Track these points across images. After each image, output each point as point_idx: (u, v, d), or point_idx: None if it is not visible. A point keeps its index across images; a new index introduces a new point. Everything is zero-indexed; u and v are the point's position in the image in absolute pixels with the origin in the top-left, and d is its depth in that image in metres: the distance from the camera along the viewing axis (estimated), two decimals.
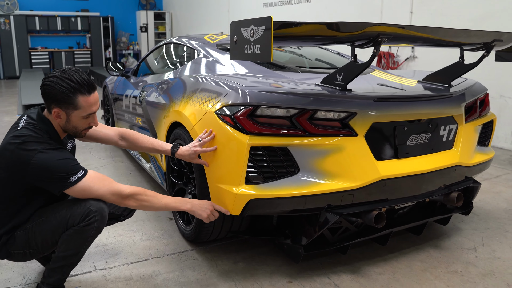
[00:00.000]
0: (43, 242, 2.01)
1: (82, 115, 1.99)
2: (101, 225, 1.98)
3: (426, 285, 2.41)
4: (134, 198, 2.04)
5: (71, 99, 1.92)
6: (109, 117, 5.61)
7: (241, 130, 2.18)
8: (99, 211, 1.95)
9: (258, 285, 2.37)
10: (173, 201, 2.19)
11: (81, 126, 2.04)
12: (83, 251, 2.03)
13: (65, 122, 2.00)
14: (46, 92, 1.92)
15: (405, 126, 2.46)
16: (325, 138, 2.23)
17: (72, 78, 1.91)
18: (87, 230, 1.95)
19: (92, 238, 2.00)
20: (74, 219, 1.94)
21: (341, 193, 2.25)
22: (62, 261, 2.00)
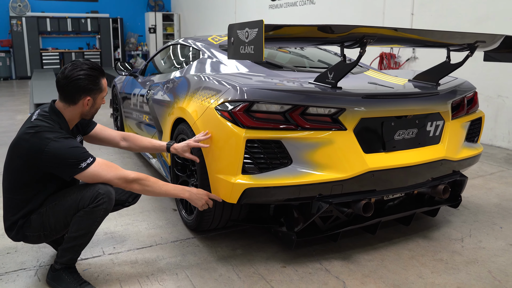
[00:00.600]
0: (56, 224, 2.20)
1: (104, 95, 2.31)
2: (108, 206, 2.17)
3: (412, 271, 2.57)
4: (138, 182, 2.25)
5: (98, 84, 2.24)
6: (117, 115, 5.82)
7: (238, 124, 2.36)
8: (106, 193, 2.15)
9: (254, 269, 2.55)
10: (172, 188, 2.39)
11: (98, 106, 2.33)
12: (92, 231, 2.22)
13: (91, 107, 2.28)
14: (77, 87, 2.18)
15: (392, 122, 2.62)
16: (316, 132, 2.41)
17: (88, 68, 2.21)
18: (96, 211, 2.14)
19: (100, 218, 2.19)
20: (84, 201, 2.13)
21: (331, 183, 2.42)
22: (73, 241, 2.19)
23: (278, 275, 2.49)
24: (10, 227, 2.25)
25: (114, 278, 2.41)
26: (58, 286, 2.24)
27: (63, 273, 2.25)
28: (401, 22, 6.83)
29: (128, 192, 2.52)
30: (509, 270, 2.60)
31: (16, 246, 2.76)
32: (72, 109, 2.25)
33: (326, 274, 2.51)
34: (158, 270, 2.51)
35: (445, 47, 2.91)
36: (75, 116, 2.28)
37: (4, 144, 5.30)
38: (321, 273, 2.51)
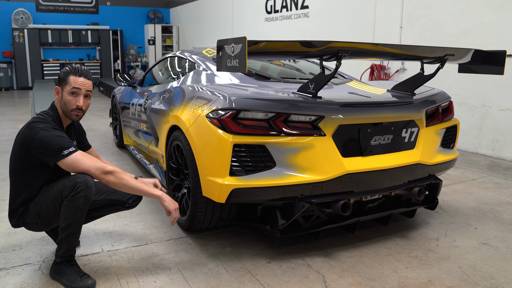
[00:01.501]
0: (48, 212, 2.45)
1: (69, 90, 2.49)
2: (88, 194, 2.34)
3: (388, 266, 2.78)
4: (114, 174, 2.41)
5: (65, 77, 2.51)
6: (116, 124, 6.05)
7: (226, 130, 2.59)
8: (84, 182, 2.34)
9: (242, 264, 2.76)
10: (147, 187, 2.52)
11: (70, 103, 2.51)
12: (78, 219, 2.38)
13: (60, 99, 2.53)
14: (57, 78, 2.53)
15: (369, 128, 2.85)
16: (297, 137, 2.64)
17: (73, 66, 2.54)
18: (76, 199, 2.33)
19: (83, 206, 2.35)
20: (65, 191, 2.35)
21: (311, 184, 2.65)
22: (64, 231, 2.40)
23: (263, 269, 2.70)
24: (11, 213, 2.53)
25: (112, 272, 2.62)
26: (61, 278, 2.45)
27: (64, 266, 2.46)
28: (391, 35, 7.10)
29: (128, 195, 2.71)
30: (478, 265, 2.81)
31: (21, 243, 2.97)
32: (57, 103, 2.56)
33: (308, 269, 2.72)
34: (153, 265, 2.72)
35: (419, 60, 3.15)
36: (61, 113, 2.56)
37: (7, 151, 5.51)
38: (303, 268, 2.72)
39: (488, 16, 5.72)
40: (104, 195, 2.69)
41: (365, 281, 2.60)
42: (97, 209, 2.74)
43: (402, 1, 6.93)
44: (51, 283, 2.49)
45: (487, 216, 3.68)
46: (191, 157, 2.90)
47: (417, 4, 6.72)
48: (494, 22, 5.66)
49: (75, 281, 2.40)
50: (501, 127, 5.77)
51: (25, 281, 2.51)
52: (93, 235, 3.14)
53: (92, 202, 2.66)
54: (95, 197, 2.66)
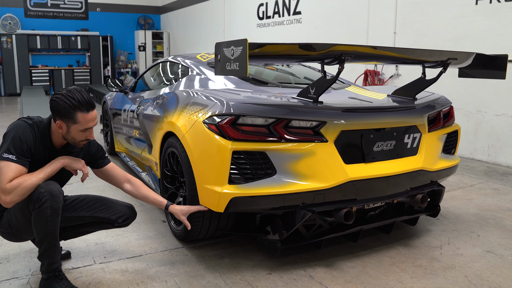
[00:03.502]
0: (17, 223, 2.33)
1: (80, 129, 2.31)
2: (54, 203, 2.19)
3: (392, 276, 2.69)
4: (12, 193, 2.15)
5: (71, 114, 2.26)
6: (107, 131, 5.92)
7: (225, 136, 2.49)
8: (47, 191, 2.20)
9: (241, 276, 2.64)
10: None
11: (79, 138, 2.35)
12: (51, 231, 2.23)
13: (66, 133, 2.32)
14: (52, 106, 2.27)
15: (371, 134, 2.77)
16: (299, 143, 2.54)
17: (75, 97, 2.26)
18: (42, 210, 2.19)
19: (51, 217, 2.21)
20: (31, 203, 2.22)
21: (313, 192, 2.55)
22: (41, 245, 2.27)
23: (263, 281, 2.59)
24: None
25: (105, 286, 2.50)
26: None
27: (53, 281, 2.33)
28: (385, 40, 7.06)
29: (118, 213, 2.59)
30: (485, 274, 2.73)
31: (8, 256, 2.84)
32: (54, 128, 2.35)
33: (310, 280, 2.62)
34: (148, 278, 2.60)
35: (420, 64, 3.08)
36: (59, 135, 2.36)
37: None
38: (305, 279, 2.62)
39: (483, 22, 5.69)
40: (91, 212, 2.56)
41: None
42: (84, 225, 2.63)
43: (396, 6, 6.90)
44: None
45: (489, 223, 3.60)
46: (187, 165, 2.79)
47: (411, 9, 6.68)
48: (489, 27, 5.63)
49: None
50: (496, 132, 5.73)
51: None
52: (85, 246, 3.01)
53: (79, 217, 2.55)
54: (82, 212, 2.55)
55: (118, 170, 2.72)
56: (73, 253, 2.88)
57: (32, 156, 2.29)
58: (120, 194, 4.12)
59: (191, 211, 2.71)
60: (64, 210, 2.49)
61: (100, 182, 4.48)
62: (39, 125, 2.36)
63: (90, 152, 2.60)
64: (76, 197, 2.62)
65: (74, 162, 2.38)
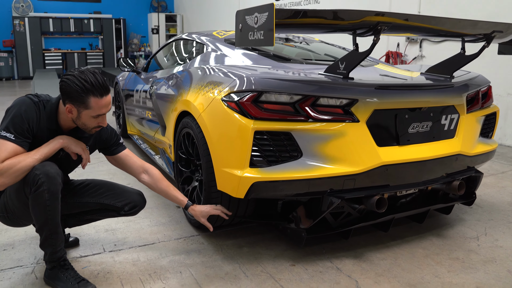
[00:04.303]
0: (13, 207, 2.13)
1: (92, 115, 2.06)
2: (51, 186, 1.97)
3: (427, 270, 2.45)
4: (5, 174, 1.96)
5: (83, 98, 2.00)
6: (120, 113, 5.72)
7: (246, 115, 2.26)
8: (43, 173, 1.97)
9: (262, 267, 2.43)
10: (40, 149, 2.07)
11: (90, 124, 2.12)
12: (51, 217, 2.02)
13: (76, 118, 2.08)
14: (62, 88, 2.02)
15: (406, 114, 2.51)
16: (327, 123, 2.30)
17: (88, 79, 2.00)
18: (39, 194, 1.97)
19: (50, 202, 1.99)
20: (27, 187, 2.00)
21: (343, 177, 2.31)
22: (41, 233, 2.07)
23: (287, 273, 2.37)
24: None
25: (115, 276, 2.30)
26: (56, 285, 2.13)
27: (58, 271, 2.14)
28: None
29: (125, 200, 2.38)
30: None
31: (13, 242, 2.66)
32: (63, 109, 2.10)
33: (338, 273, 2.39)
34: (161, 268, 2.39)
35: (459, 37, 2.80)
36: (68, 118, 2.12)
37: None
38: (332, 272, 2.40)
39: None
40: (96, 198, 2.36)
41: (404, 287, 2.27)
42: (89, 212, 2.43)
43: None
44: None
45: None
46: (204, 146, 2.56)
47: None
48: None
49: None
50: None
51: (14, 287, 2.19)
52: (94, 233, 2.82)
53: (82, 204, 2.34)
54: (86, 198, 2.34)
55: (134, 158, 2.47)
56: (81, 240, 2.69)
57: (33, 138, 2.07)
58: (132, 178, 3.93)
59: (212, 213, 2.51)
60: (67, 196, 2.29)
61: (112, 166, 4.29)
62: (46, 105, 2.13)
63: (102, 138, 2.36)
64: (81, 182, 2.41)
65: (74, 144, 2.14)
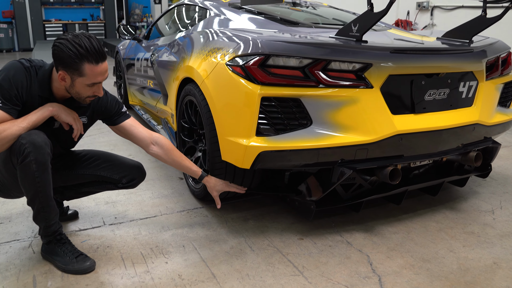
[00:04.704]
0: (2, 178, 2.02)
1: (86, 83, 1.90)
2: (38, 156, 1.83)
3: (442, 244, 2.34)
4: None
5: (77, 65, 1.83)
6: (121, 83, 5.57)
7: (252, 80, 2.11)
8: (29, 142, 1.82)
9: (269, 241, 2.32)
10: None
11: (85, 94, 1.95)
12: (41, 189, 1.89)
13: (69, 86, 1.92)
14: (54, 53, 1.85)
15: (422, 80, 2.36)
16: (339, 89, 2.15)
17: (82, 43, 1.82)
18: (26, 165, 1.83)
19: (39, 173, 1.85)
20: (14, 157, 1.86)
21: (355, 147, 2.18)
22: (33, 206, 1.95)
23: (295, 247, 2.26)
24: None
25: (115, 250, 2.20)
26: (53, 259, 2.03)
27: (55, 246, 2.04)
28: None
29: (122, 173, 2.25)
30: None
31: (11, 215, 2.55)
32: (56, 76, 1.93)
33: (348, 247, 2.28)
34: (163, 242, 2.29)
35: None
36: (61, 87, 1.96)
37: None
38: (342, 246, 2.29)
39: None
40: (92, 170, 2.23)
41: (418, 262, 2.16)
42: (86, 185, 2.31)
43: None
44: (43, 264, 2.06)
45: None
46: (207, 115, 2.43)
47: None
48: None
49: (69, 263, 1.98)
50: None
51: (11, 261, 2.09)
52: (94, 205, 2.71)
53: (78, 176, 2.21)
54: (82, 170, 2.22)
55: (140, 128, 2.28)
56: (80, 213, 2.58)
57: (23, 105, 1.91)
58: (134, 148, 3.82)
59: (227, 189, 2.39)
60: (62, 167, 2.17)
61: (112, 136, 4.18)
62: (38, 71, 1.96)
63: (101, 107, 2.19)
64: (78, 153, 2.28)
65: (65, 113, 1.97)
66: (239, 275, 2.01)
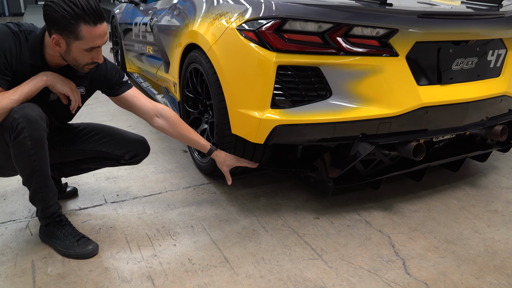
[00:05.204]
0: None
1: (84, 48, 1.68)
2: (33, 132, 1.65)
3: (465, 224, 2.20)
4: None
5: (72, 26, 1.62)
6: (118, 50, 5.33)
7: (267, 47, 1.91)
8: (23, 116, 1.63)
9: (283, 221, 2.18)
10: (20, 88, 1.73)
11: (82, 60, 1.74)
12: (37, 168, 1.72)
13: (65, 52, 1.70)
14: (46, 14, 1.63)
15: (450, 48, 2.17)
16: (361, 58, 1.96)
17: (77, 2, 1.60)
18: (20, 142, 1.65)
19: (35, 151, 1.68)
20: (6, 133, 1.68)
21: (378, 120, 2.01)
22: (29, 187, 1.78)
23: (311, 228, 2.12)
24: None
25: (119, 232, 2.04)
26: (53, 243, 1.88)
27: (54, 228, 1.88)
28: None
29: (125, 148, 2.07)
30: None
31: (5, 193, 2.39)
32: (50, 41, 1.71)
33: (367, 227, 2.14)
34: (170, 222, 2.14)
35: None
36: (55, 53, 1.74)
37: None
38: (361, 226, 2.15)
39: None
40: (92, 145, 2.05)
41: (442, 244, 2.02)
42: (85, 161, 2.13)
43: None
44: (41, 247, 1.91)
45: None
46: (215, 84, 2.24)
47: None
48: None
49: (70, 247, 1.82)
50: None
51: (7, 245, 1.94)
52: (94, 181, 2.55)
53: (77, 151, 2.03)
54: (81, 145, 2.04)
55: (143, 100, 2.09)
56: (80, 190, 2.42)
57: (13, 75, 1.71)
58: (134, 118, 3.63)
59: (237, 165, 2.21)
60: (59, 142, 1.99)
61: (111, 106, 3.98)
62: (29, 36, 1.74)
63: (100, 77, 1.98)
64: (76, 126, 2.10)
65: (61, 83, 1.77)
66: (254, 258, 1.87)
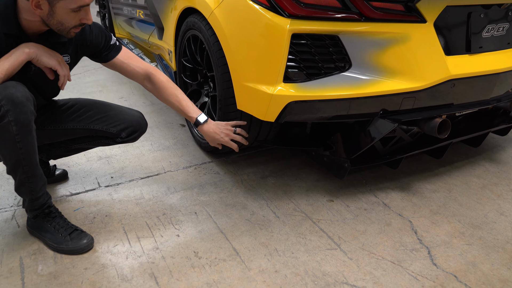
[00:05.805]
0: None
1: (71, 7, 1.44)
2: (19, 116, 1.44)
3: (489, 205, 2.04)
4: None
5: None
6: (105, 13, 5.00)
7: (280, 12, 1.68)
8: (6, 97, 1.42)
9: (294, 204, 2.00)
10: None
11: (69, 22, 1.49)
12: (24, 156, 1.52)
13: (47, 15, 1.45)
14: None
15: (481, 13, 1.94)
16: (386, 24, 1.74)
17: None
18: (5, 127, 1.44)
19: (21, 137, 1.48)
20: None
21: (402, 95, 1.80)
22: (15, 175, 1.57)
23: (325, 212, 1.94)
24: None
25: (115, 221, 1.85)
26: (43, 236, 1.68)
27: (43, 220, 1.68)
28: None
29: (121, 125, 1.84)
30: None
31: None
32: (27, 4, 1.45)
33: (386, 210, 1.97)
34: (171, 208, 1.95)
35: None
36: (34, 18, 1.48)
37: None
38: (379, 209, 1.97)
39: None
40: (83, 123, 1.81)
41: (468, 229, 1.86)
42: (76, 141, 1.90)
43: None
44: (30, 241, 1.71)
45: None
46: (218, 54, 2.01)
47: None
48: None
49: (62, 242, 1.63)
50: None
51: None
52: (85, 162, 2.33)
53: (67, 130, 1.79)
54: (71, 124, 1.80)
55: (133, 63, 1.85)
56: (70, 173, 2.21)
57: None
58: (125, 89, 3.39)
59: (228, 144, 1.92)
60: (46, 121, 1.76)
61: (100, 75, 3.71)
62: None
63: (85, 41, 1.73)
64: (64, 102, 1.86)
65: (46, 55, 1.53)
66: (266, 250, 1.69)
